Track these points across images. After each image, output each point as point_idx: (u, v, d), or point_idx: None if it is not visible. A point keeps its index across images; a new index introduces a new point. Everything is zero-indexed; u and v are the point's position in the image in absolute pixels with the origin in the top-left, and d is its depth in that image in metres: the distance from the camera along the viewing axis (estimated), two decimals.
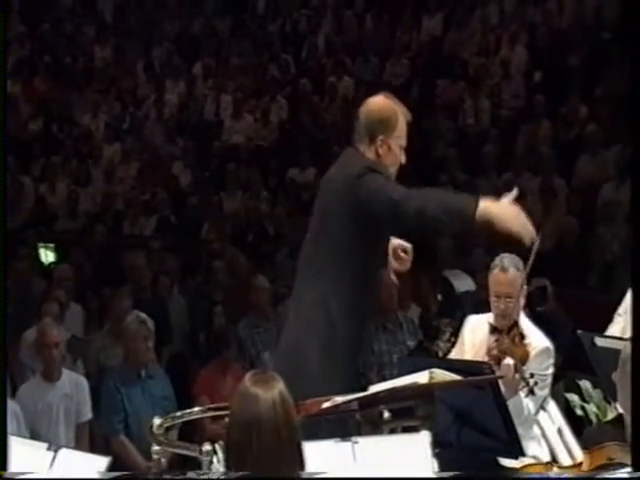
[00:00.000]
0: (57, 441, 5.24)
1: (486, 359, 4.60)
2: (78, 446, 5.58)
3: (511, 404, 4.33)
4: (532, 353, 4.58)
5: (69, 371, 6.29)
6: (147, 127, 12.15)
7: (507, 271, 4.68)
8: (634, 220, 3.09)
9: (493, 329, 4.69)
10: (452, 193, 4.48)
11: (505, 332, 4.63)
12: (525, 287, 4.72)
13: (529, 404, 4.48)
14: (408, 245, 4.40)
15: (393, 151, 4.24)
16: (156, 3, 13.65)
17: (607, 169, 9.92)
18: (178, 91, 12.57)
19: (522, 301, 4.72)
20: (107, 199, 11.02)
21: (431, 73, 11.80)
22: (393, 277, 4.50)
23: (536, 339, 4.66)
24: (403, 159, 4.27)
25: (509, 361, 4.51)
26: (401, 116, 4.28)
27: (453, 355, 4.91)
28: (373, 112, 4.33)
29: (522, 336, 4.61)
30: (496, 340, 4.63)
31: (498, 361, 4.58)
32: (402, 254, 4.41)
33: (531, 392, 4.42)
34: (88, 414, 6.13)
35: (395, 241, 4.38)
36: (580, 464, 2.94)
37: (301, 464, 2.78)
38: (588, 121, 10.46)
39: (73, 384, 6.16)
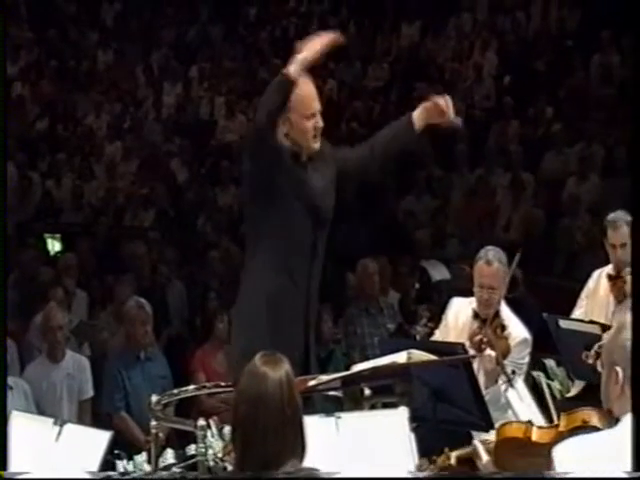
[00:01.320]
0: (61, 417, 5.22)
1: (468, 344, 4.60)
2: (80, 421, 5.56)
3: (490, 393, 4.34)
4: (512, 344, 4.57)
5: (72, 352, 6.28)
6: (146, 126, 12.11)
7: (491, 264, 4.65)
8: (634, 220, 3.08)
9: (476, 315, 4.67)
10: (388, 129, 4.32)
11: (487, 321, 4.60)
12: (507, 279, 4.70)
13: (506, 394, 4.46)
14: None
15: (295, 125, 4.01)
16: (154, 11, 13.59)
17: (571, 165, 9.94)
18: (175, 93, 12.54)
19: (504, 292, 4.70)
20: (109, 193, 10.99)
21: (409, 76, 11.80)
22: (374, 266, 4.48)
23: (516, 330, 4.63)
24: (317, 124, 4.03)
25: (491, 352, 4.50)
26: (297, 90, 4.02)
27: (437, 335, 4.89)
28: None
29: (503, 327, 4.59)
30: (479, 328, 4.61)
31: (479, 347, 4.56)
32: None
33: (510, 385, 4.40)
34: (90, 392, 6.12)
35: None
36: (557, 425, 2.95)
37: (302, 440, 2.76)
38: (553, 121, 10.48)
39: (76, 364, 6.15)
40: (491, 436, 2.98)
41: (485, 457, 2.92)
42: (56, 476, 3.39)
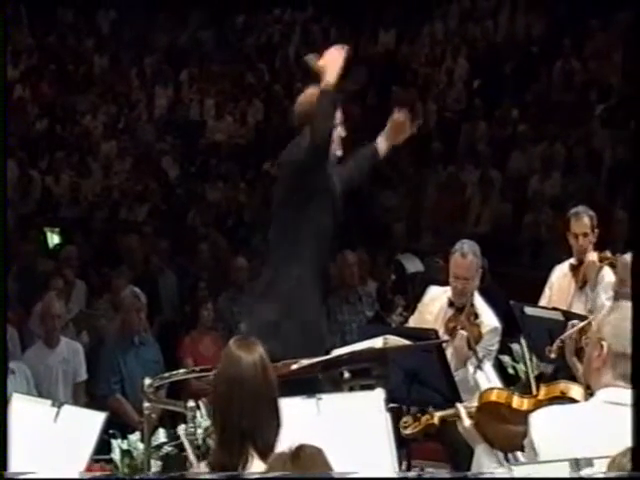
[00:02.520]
0: (57, 398, 5.21)
1: (442, 329, 4.60)
2: (75, 403, 5.53)
3: (459, 375, 4.34)
4: (483, 331, 4.58)
5: (67, 338, 6.28)
6: (140, 127, 12.06)
7: (466, 256, 4.64)
8: (634, 219, 3.08)
9: (451, 304, 4.67)
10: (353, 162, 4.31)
11: (461, 309, 4.61)
12: (480, 270, 4.70)
13: (475, 376, 4.47)
14: None
15: None
16: (147, 18, 13.53)
17: (535, 163, 9.97)
18: (167, 95, 12.49)
19: (477, 282, 4.71)
20: (105, 189, 10.94)
21: (386, 80, 11.80)
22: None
23: (488, 318, 4.64)
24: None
25: (463, 332, 4.50)
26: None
27: (413, 320, 4.89)
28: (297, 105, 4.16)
29: (476, 315, 4.60)
30: (453, 315, 4.62)
31: (452, 333, 4.56)
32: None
33: (479, 368, 4.41)
34: (83, 375, 6.12)
35: None
36: (537, 395, 2.96)
37: (277, 417, 2.78)
38: (519, 122, 10.51)
39: (70, 350, 6.15)
40: (474, 402, 2.98)
41: (467, 420, 2.92)
42: (54, 456, 3.38)
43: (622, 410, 2.71)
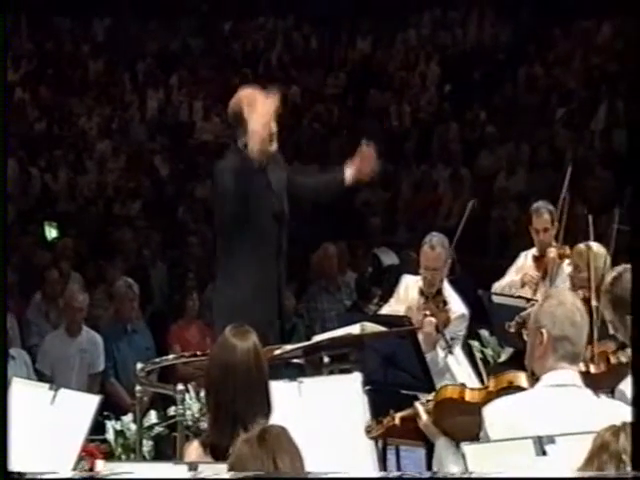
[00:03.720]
0: (70, 387, 5.10)
1: (414, 314, 4.60)
2: (89, 392, 5.43)
3: (429, 357, 4.34)
4: (452, 317, 4.59)
5: (87, 329, 6.11)
6: (132, 127, 11.98)
7: (435, 249, 4.65)
8: (634, 219, 3.08)
9: (421, 292, 4.68)
10: (324, 179, 4.32)
11: (431, 297, 4.62)
12: (449, 262, 4.71)
13: (446, 360, 4.47)
14: None
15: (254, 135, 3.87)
16: (140, 26, 13.44)
17: (501, 162, 9.99)
18: (158, 98, 12.41)
19: (445, 272, 4.70)
20: (100, 186, 10.85)
21: (363, 84, 11.78)
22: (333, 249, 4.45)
23: (456, 306, 4.66)
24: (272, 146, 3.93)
25: (431, 319, 4.51)
26: (250, 106, 3.89)
27: (389, 306, 4.89)
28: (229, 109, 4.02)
29: (445, 302, 4.61)
30: (424, 303, 4.62)
31: (422, 319, 4.56)
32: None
33: (449, 351, 4.42)
34: (100, 366, 5.97)
35: None
36: (487, 386, 2.96)
37: (268, 402, 2.75)
38: (487, 123, 10.52)
39: (90, 340, 6.02)
40: (431, 398, 2.97)
41: (425, 417, 2.92)
42: (52, 436, 3.34)
43: (568, 390, 2.71)
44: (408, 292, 4.76)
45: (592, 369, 3.38)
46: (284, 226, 4.05)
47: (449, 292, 4.70)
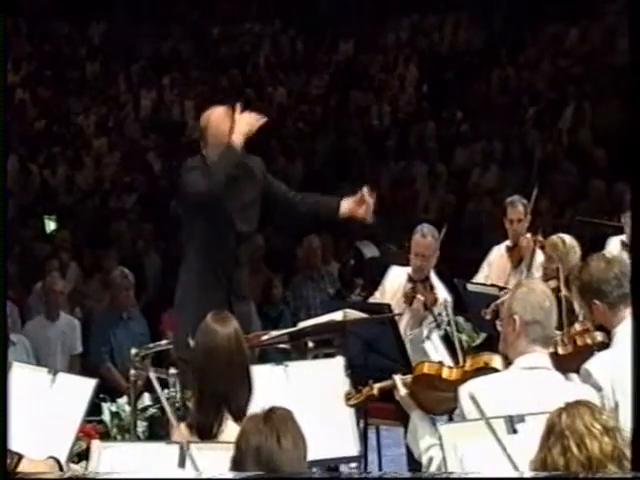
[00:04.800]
0: (55, 367, 5.12)
1: (402, 300, 4.61)
2: (71, 372, 5.45)
3: (414, 333, 4.38)
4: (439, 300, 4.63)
5: (65, 314, 6.19)
6: (127, 125, 11.92)
7: (426, 237, 4.69)
8: (634, 219, 3.08)
9: (410, 279, 4.71)
10: (320, 201, 4.19)
11: (419, 283, 4.67)
12: (437, 252, 4.75)
13: (424, 345, 4.48)
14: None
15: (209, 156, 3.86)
16: (134, 30, 13.36)
17: (475, 158, 10.00)
18: (151, 98, 12.35)
19: (434, 261, 4.71)
20: (96, 181, 10.80)
21: (346, 85, 11.76)
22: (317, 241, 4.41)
23: (440, 292, 4.72)
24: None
25: (420, 297, 4.54)
26: (214, 123, 3.88)
27: (376, 296, 4.89)
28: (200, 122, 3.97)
29: (432, 287, 4.67)
30: (412, 288, 4.66)
31: (411, 301, 4.60)
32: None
33: (437, 326, 4.46)
34: (79, 348, 6.06)
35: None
36: (464, 366, 2.96)
37: (249, 384, 2.74)
38: (462, 122, 10.53)
39: (69, 324, 6.08)
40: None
41: (402, 389, 2.91)
42: (50, 418, 3.32)
43: (539, 373, 2.72)
44: (395, 281, 4.78)
45: (560, 350, 3.40)
46: (241, 239, 3.93)
47: (435, 280, 4.75)
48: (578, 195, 8.70)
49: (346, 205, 4.04)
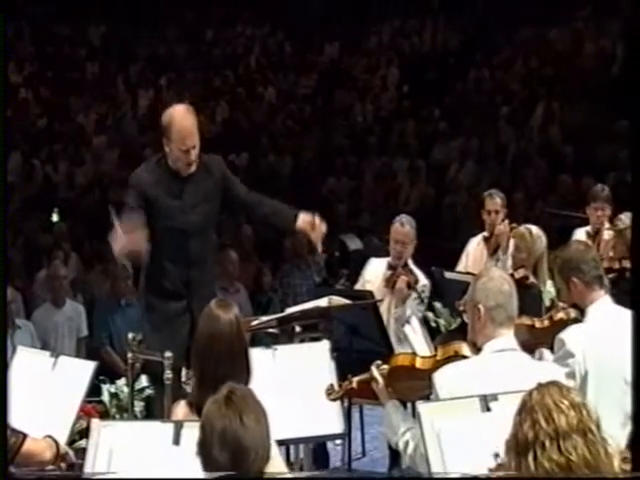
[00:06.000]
0: (63, 351, 5.13)
1: (383, 284, 4.64)
2: (78, 355, 5.47)
3: (398, 312, 4.45)
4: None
5: (71, 300, 6.23)
6: (125, 123, 11.86)
7: (404, 225, 4.72)
8: (634, 218, 3.11)
9: (390, 266, 4.72)
10: (279, 210, 4.00)
11: (399, 268, 4.70)
12: (415, 241, 4.77)
13: (404, 329, 4.49)
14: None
15: (172, 152, 3.73)
16: (132, 33, 13.28)
17: (453, 154, 10.02)
18: (148, 97, 12.29)
19: (412, 249, 4.74)
20: (96, 176, 10.75)
21: (331, 85, 11.75)
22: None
23: (419, 278, 4.74)
24: (189, 158, 3.72)
25: (404, 277, 4.58)
26: (177, 120, 3.74)
27: (357, 286, 4.90)
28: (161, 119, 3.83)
29: (411, 272, 4.71)
30: (392, 274, 4.67)
31: (393, 285, 4.62)
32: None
33: (421, 300, 4.51)
34: (84, 331, 6.08)
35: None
36: (435, 355, 2.98)
37: (248, 367, 2.73)
38: (440, 120, 10.54)
39: (74, 310, 6.10)
40: (386, 367, 2.98)
41: (380, 380, 2.92)
42: (52, 398, 3.31)
43: (507, 354, 2.73)
44: (375, 272, 4.79)
45: (537, 324, 3.43)
46: (192, 236, 3.82)
47: (413, 267, 4.78)
48: (548, 189, 8.74)
49: (301, 222, 3.87)
